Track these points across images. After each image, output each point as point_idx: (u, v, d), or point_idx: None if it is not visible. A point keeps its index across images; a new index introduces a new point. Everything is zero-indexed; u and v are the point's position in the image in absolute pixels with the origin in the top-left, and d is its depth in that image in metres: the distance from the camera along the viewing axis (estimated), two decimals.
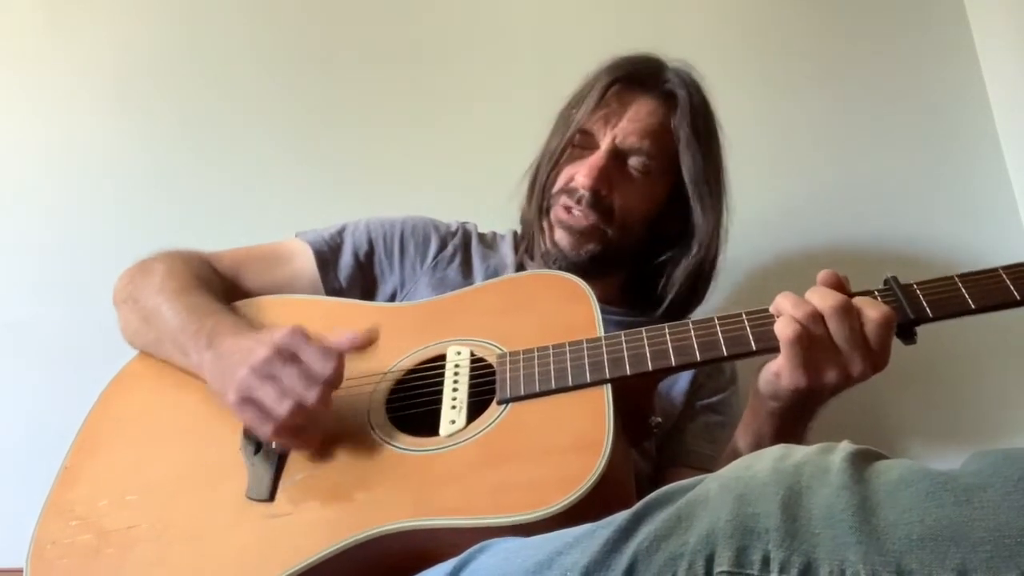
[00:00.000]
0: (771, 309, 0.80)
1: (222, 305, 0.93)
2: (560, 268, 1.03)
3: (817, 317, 0.76)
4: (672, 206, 1.07)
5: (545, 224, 1.07)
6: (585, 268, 1.02)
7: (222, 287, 1.01)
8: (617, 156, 1.03)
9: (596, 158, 1.03)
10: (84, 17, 1.46)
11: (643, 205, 1.06)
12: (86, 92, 1.44)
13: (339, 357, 0.79)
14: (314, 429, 0.80)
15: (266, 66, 1.47)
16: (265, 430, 0.78)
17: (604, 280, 1.06)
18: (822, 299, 0.76)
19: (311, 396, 0.76)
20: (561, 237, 1.04)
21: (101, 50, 1.45)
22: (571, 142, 1.06)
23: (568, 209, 1.04)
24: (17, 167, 1.41)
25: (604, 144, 1.03)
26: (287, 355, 0.78)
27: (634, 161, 1.04)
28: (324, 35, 1.48)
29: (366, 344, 0.83)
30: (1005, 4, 1.41)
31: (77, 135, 1.42)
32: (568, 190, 1.05)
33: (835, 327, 0.75)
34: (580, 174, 1.03)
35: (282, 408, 0.76)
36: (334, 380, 0.78)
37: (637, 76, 1.06)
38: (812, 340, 0.76)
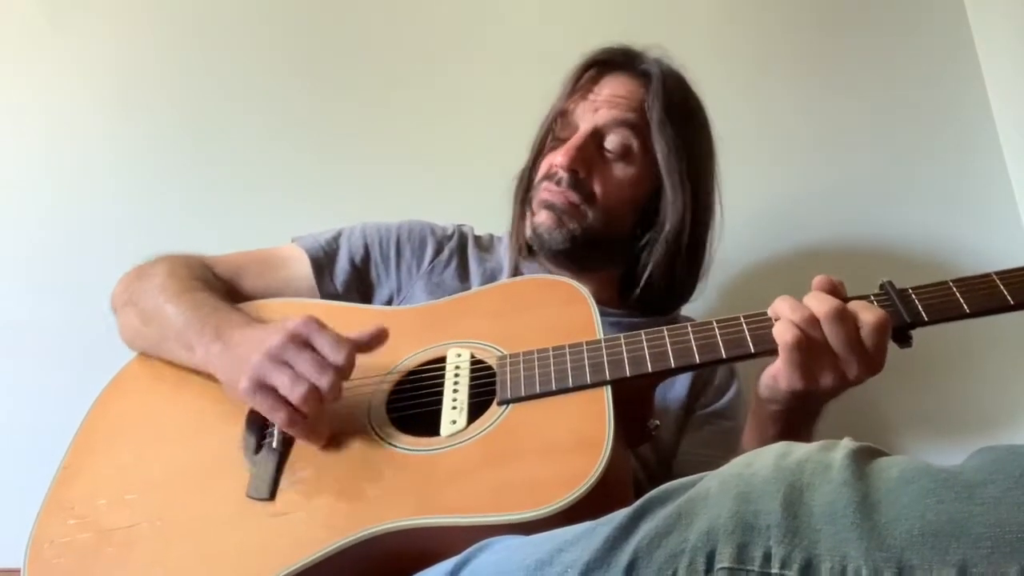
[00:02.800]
0: (769, 312, 0.81)
1: (226, 303, 0.93)
2: (543, 255, 1.05)
3: (814, 322, 0.76)
4: (655, 193, 1.06)
5: (528, 210, 1.07)
6: (568, 253, 1.02)
7: (222, 289, 1.01)
8: (596, 137, 1.04)
9: (574, 139, 1.03)
10: (85, 17, 1.46)
11: (625, 188, 1.04)
12: (86, 92, 1.44)
13: (351, 347, 0.80)
14: (324, 421, 0.80)
15: (266, 67, 1.47)
16: (280, 416, 0.78)
17: (598, 275, 1.06)
18: (818, 304, 0.77)
19: (325, 381, 0.77)
20: (543, 219, 1.03)
21: (102, 50, 1.46)
22: (551, 129, 1.06)
23: (548, 190, 1.04)
24: (18, 167, 1.41)
25: (583, 126, 1.04)
26: (301, 341, 0.79)
27: (613, 140, 1.03)
28: (325, 37, 1.48)
29: (376, 341, 0.84)
30: (1005, 4, 1.41)
31: (78, 135, 1.42)
32: (548, 174, 1.05)
33: (830, 332, 0.76)
34: (559, 155, 1.03)
35: (296, 393, 0.76)
36: (346, 368, 0.78)
37: (613, 59, 1.08)
38: (810, 344, 0.76)
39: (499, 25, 1.50)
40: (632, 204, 1.06)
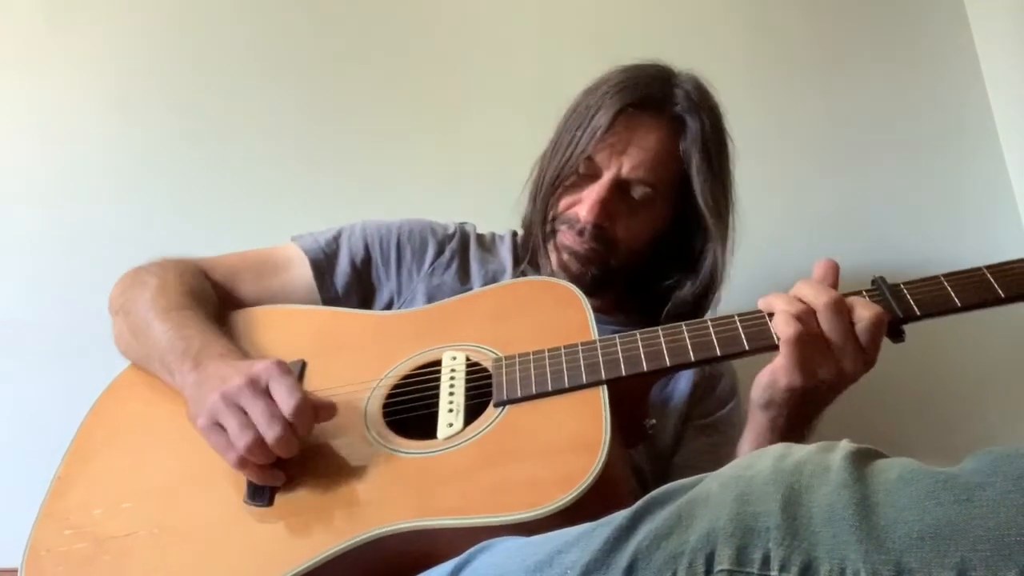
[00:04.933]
0: (760, 306, 0.81)
1: (212, 325, 0.91)
2: None
3: (811, 313, 0.77)
4: (677, 227, 1.06)
5: (551, 247, 1.06)
6: (587, 288, 0.99)
7: (216, 298, 1.00)
8: (620, 186, 1.02)
9: (598, 191, 1.00)
10: (83, 17, 1.46)
11: (647, 232, 1.05)
12: (85, 91, 1.44)
13: (304, 402, 0.77)
14: (276, 468, 0.78)
15: (265, 65, 1.47)
16: (230, 457, 0.77)
17: (601, 293, 1.05)
18: (815, 295, 0.77)
19: (271, 434, 0.75)
20: (567, 261, 1.04)
21: (100, 50, 1.45)
22: (576, 168, 1.03)
23: (569, 236, 1.03)
24: (17, 166, 1.41)
25: (608, 175, 1.01)
26: (258, 388, 0.77)
27: (638, 191, 1.02)
28: (324, 37, 1.48)
29: (326, 414, 0.80)
30: (1005, 4, 1.41)
31: (76, 134, 1.42)
32: (569, 219, 1.03)
33: (828, 323, 0.76)
34: (582, 207, 1.01)
35: (242, 440, 0.75)
36: (298, 424, 0.76)
37: (645, 100, 1.03)
38: (811, 336, 0.76)
39: (500, 23, 1.50)
40: (654, 240, 1.06)
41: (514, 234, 1.17)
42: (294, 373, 0.80)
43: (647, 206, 1.03)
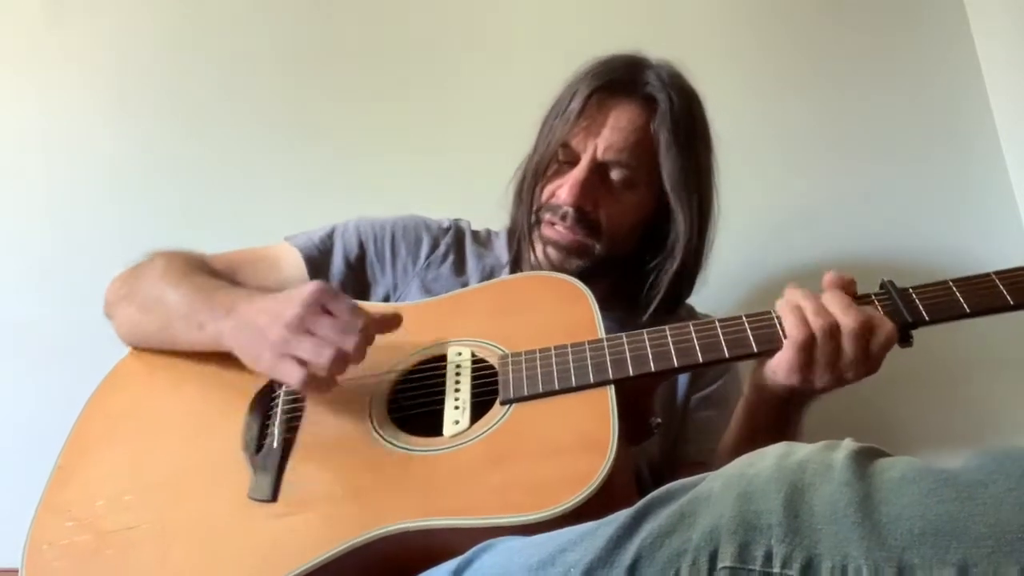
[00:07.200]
0: (783, 302, 0.81)
1: (228, 282, 0.93)
2: None
3: (835, 330, 0.77)
4: (660, 210, 1.05)
5: (535, 238, 1.05)
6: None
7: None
8: (599, 169, 1.01)
9: (577, 173, 1.00)
10: (84, 16, 1.46)
11: (630, 215, 1.04)
12: (86, 91, 1.44)
13: (367, 314, 0.80)
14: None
15: (263, 65, 1.47)
16: (297, 379, 0.78)
17: (592, 283, 1.04)
18: (843, 314, 0.77)
19: (350, 343, 0.77)
20: (550, 253, 1.03)
21: (100, 50, 1.46)
22: (554, 156, 1.04)
23: (553, 224, 1.02)
24: (17, 167, 1.41)
25: (585, 158, 1.01)
26: (318, 309, 0.79)
27: (616, 173, 1.01)
28: (322, 35, 1.48)
29: (388, 326, 0.84)
30: (1005, 4, 1.41)
31: (77, 134, 1.42)
32: (552, 207, 1.03)
33: (849, 345, 0.77)
34: (563, 191, 1.01)
35: (324, 357, 0.77)
36: (368, 331, 0.79)
37: (617, 83, 1.03)
38: (820, 352, 0.77)
39: (496, 17, 1.50)
40: (638, 226, 1.06)
41: (510, 231, 1.16)
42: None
43: (628, 189, 1.02)
